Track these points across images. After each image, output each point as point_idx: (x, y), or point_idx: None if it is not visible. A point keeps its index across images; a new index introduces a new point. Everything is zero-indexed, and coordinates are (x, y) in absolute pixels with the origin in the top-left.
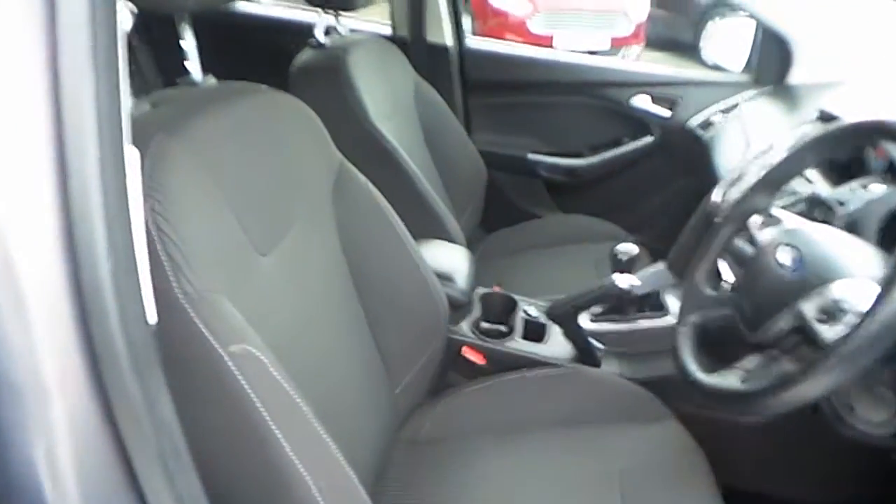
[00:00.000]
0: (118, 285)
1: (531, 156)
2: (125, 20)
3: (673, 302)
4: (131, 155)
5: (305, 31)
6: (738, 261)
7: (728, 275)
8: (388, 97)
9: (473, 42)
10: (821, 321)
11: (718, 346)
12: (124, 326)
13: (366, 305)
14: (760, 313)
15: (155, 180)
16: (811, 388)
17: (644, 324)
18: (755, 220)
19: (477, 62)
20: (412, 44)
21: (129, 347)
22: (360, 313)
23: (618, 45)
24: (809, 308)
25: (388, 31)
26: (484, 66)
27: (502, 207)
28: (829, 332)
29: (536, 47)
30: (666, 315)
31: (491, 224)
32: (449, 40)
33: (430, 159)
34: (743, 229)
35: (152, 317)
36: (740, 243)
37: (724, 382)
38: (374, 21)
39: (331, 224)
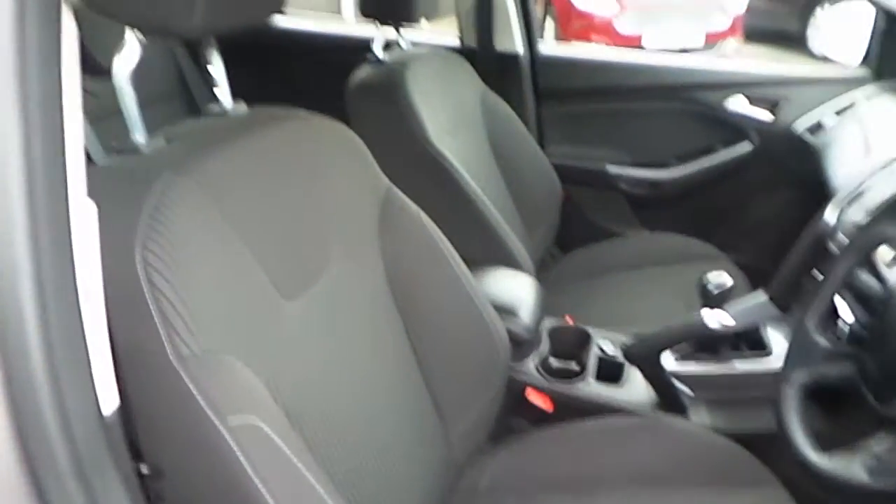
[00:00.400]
0: (55, 375)
1: (611, 168)
2: (133, 50)
3: (777, 339)
4: (86, 210)
5: (364, 46)
6: (861, 301)
7: (848, 316)
8: (451, 112)
9: (547, 48)
10: None
11: (834, 405)
12: (63, 424)
13: (416, 346)
14: (894, 379)
15: (154, 227)
16: None
17: (740, 366)
18: (884, 252)
19: (550, 69)
20: (480, 54)
21: (69, 448)
22: (409, 355)
23: (713, 40)
24: None
25: (455, 42)
26: (558, 74)
27: (579, 225)
28: None
29: (616, 50)
30: (768, 355)
31: (567, 244)
32: (520, 48)
33: (498, 176)
34: (868, 263)
35: (109, 406)
36: (865, 278)
37: (845, 470)
38: (443, 33)
39: (376, 258)
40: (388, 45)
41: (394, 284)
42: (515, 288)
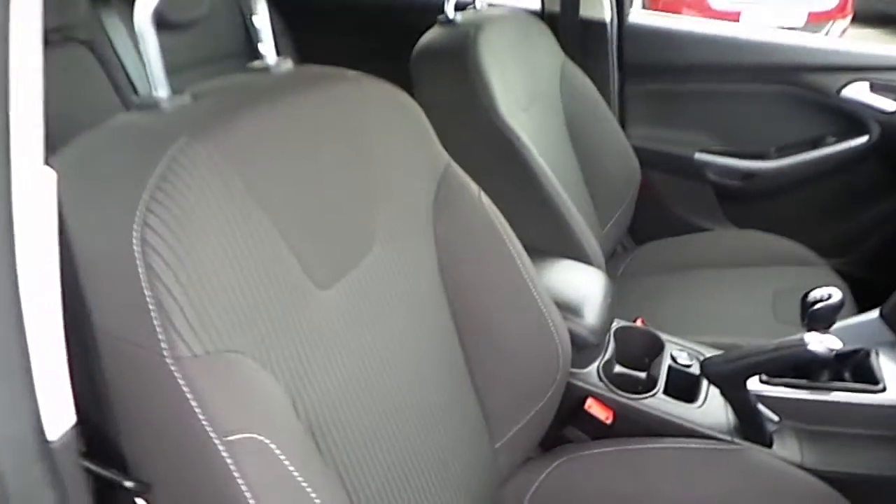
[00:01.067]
0: None
1: (699, 155)
2: None
3: (890, 370)
4: (40, 181)
5: (437, 7)
6: None
7: None
8: (525, 83)
9: (637, 17)
10: None
11: None
12: None
13: (465, 344)
14: None
15: (159, 200)
16: None
17: (842, 397)
18: None
19: (639, 41)
20: (563, 19)
21: None
22: (457, 355)
23: (817, 20)
24: None
25: (537, 4)
26: (648, 46)
27: (658, 215)
28: None
29: (716, 22)
30: (879, 389)
31: (641, 235)
32: (607, 15)
33: (572, 155)
34: None
35: (58, 427)
36: None
37: None
38: None
39: (427, 244)
40: (462, 6)
41: (445, 274)
42: (582, 284)
